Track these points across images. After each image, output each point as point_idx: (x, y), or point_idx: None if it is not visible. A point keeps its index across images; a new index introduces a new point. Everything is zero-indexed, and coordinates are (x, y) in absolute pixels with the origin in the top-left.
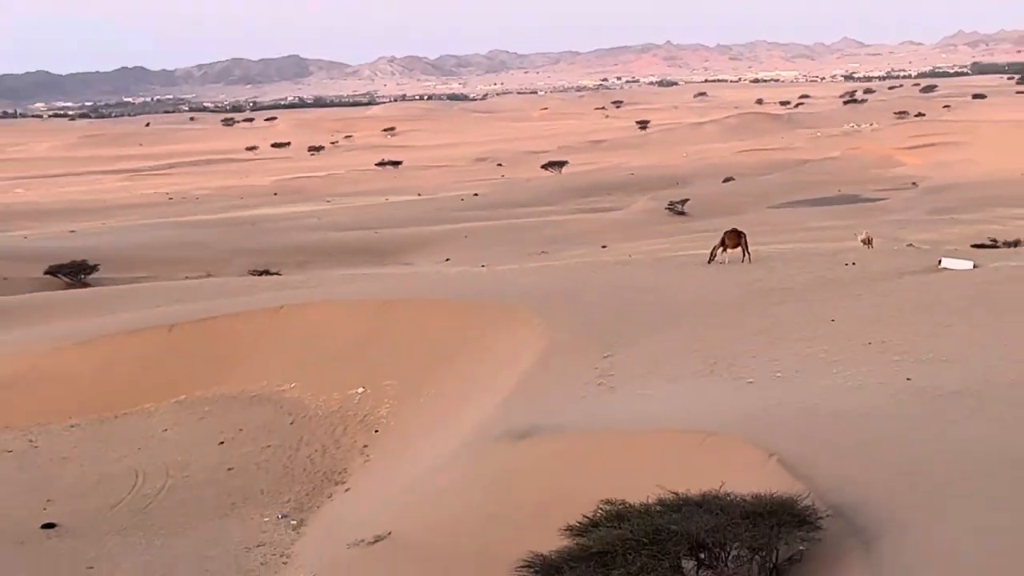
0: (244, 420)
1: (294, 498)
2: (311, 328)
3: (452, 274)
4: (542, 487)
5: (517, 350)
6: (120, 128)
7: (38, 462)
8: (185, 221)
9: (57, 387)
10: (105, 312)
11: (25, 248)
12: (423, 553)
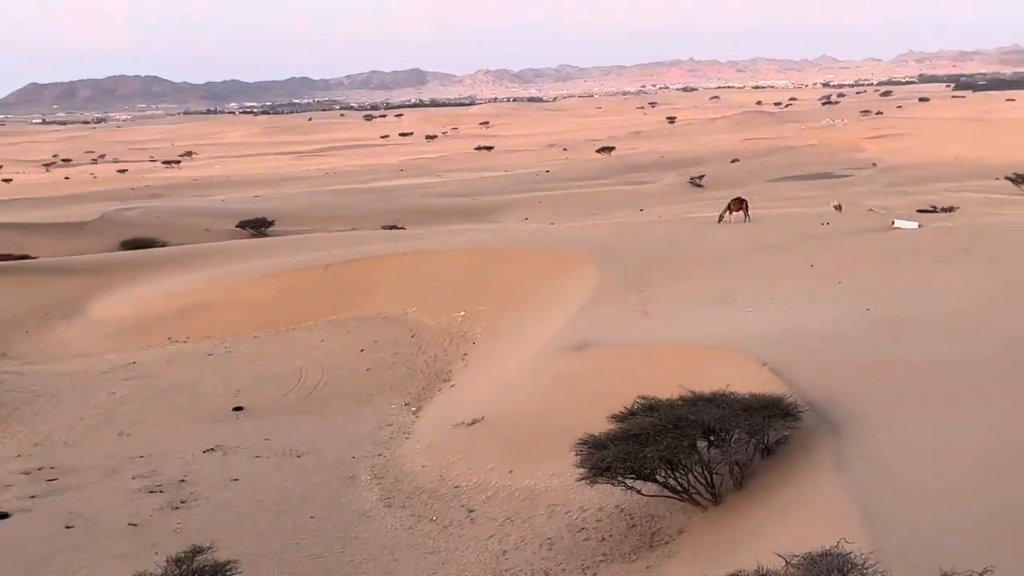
0: (378, 334)
1: (414, 391)
2: (426, 268)
3: (529, 230)
4: (594, 385)
5: (576, 285)
6: (290, 122)
7: (231, 363)
8: (336, 189)
9: (245, 309)
10: (279, 255)
11: (222, 208)
12: (507, 432)
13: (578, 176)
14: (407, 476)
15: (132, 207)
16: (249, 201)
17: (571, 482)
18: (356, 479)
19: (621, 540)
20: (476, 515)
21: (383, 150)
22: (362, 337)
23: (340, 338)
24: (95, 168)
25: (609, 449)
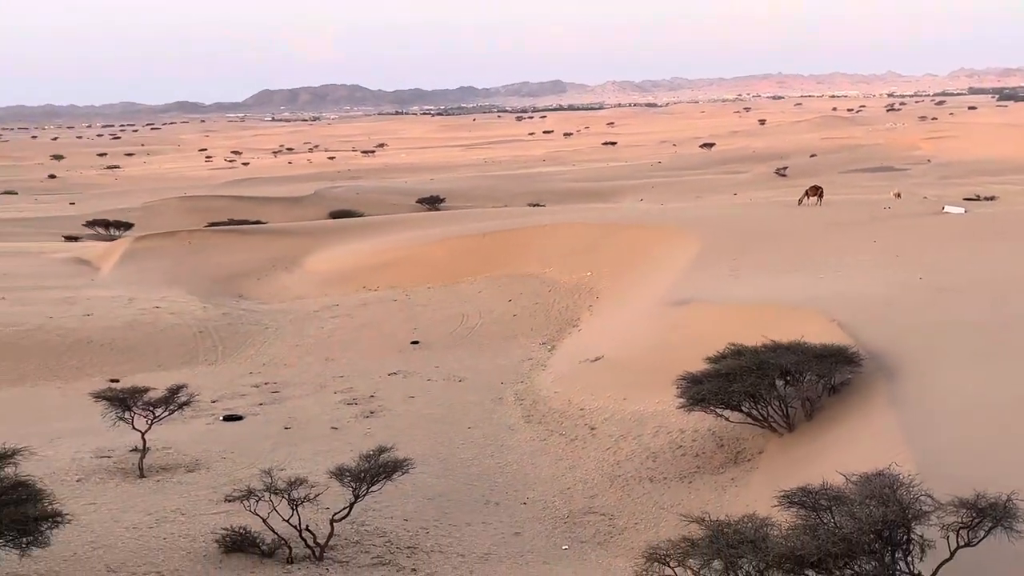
0: (523, 288)
1: (549, 333)
2: (561, 237)
3: (643, 209)
4: (693, 333)
5: (680, 253)
6: (458, 122)
7: (410, 307)
8: (493, 174)
9: (421, 266)
10: (448, 225)
11: (405, 188)
12: (622, 368)
13: (684, 167)
14: (542, 399)
15: (338, 186)
16: (426, 183)
17: (672, 409)
18: (503, 400)
19: (711, 456)
20: (596, 432)
21: (530, 144)
22: (510, 290)
23: (493, 290)
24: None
25: (704, 384)
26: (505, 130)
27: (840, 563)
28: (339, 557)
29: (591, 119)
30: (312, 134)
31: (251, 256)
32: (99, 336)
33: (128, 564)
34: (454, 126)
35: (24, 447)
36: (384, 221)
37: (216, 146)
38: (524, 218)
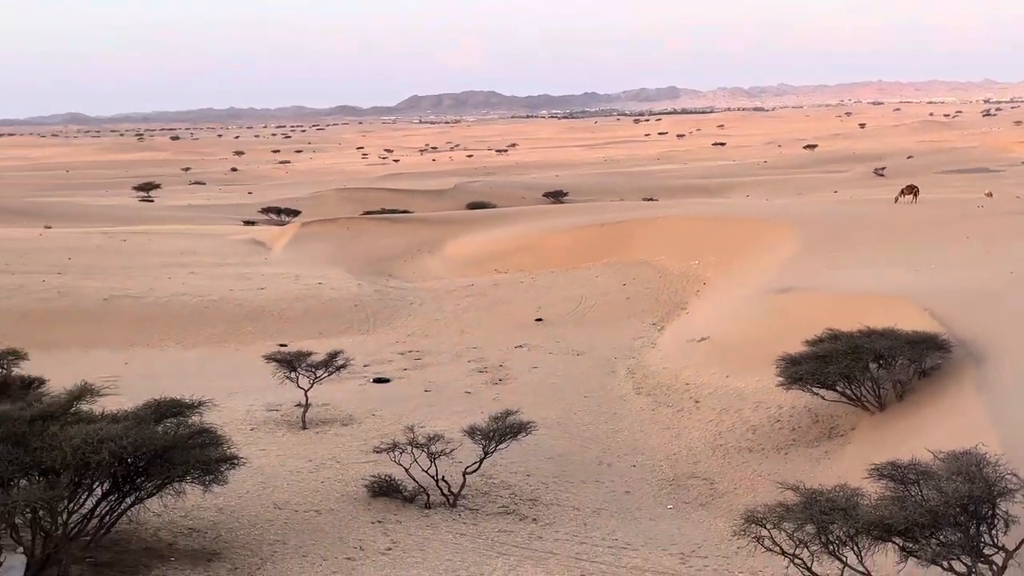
0: (635, 274)
1: (659, 315)
2: (672, 228)
3: (749, 203)
4: (793, 318)
5: (782, 245)
6: (582, 124)
7: (535, 288)
8: (611, 171)
9: (545, 252)
10: (571, 216)
11: (533, 183)
12: (725, 348)
13: (788, 166)
14: (652, 374)
15: (475, 180)
16: (551, 178)
17: (771, 387)
18: (616, 373)
19: (807, 431)
20: (700, 405)
21: (646, 144)
22: (625, 275)
23: (609, 275)
24: (452, 154)
25: (802, 365)
26: (623, 131)
27: (926, 533)
28: (470, 505)
29: (702, 122)
30: (453, 135)
31: (399, 241)
32: (271, 307)
33: (291, 502)
34: (578, 128)
35: (208, 399)
36: (514, 212)
37: (371, 145)
38: (638, 211)
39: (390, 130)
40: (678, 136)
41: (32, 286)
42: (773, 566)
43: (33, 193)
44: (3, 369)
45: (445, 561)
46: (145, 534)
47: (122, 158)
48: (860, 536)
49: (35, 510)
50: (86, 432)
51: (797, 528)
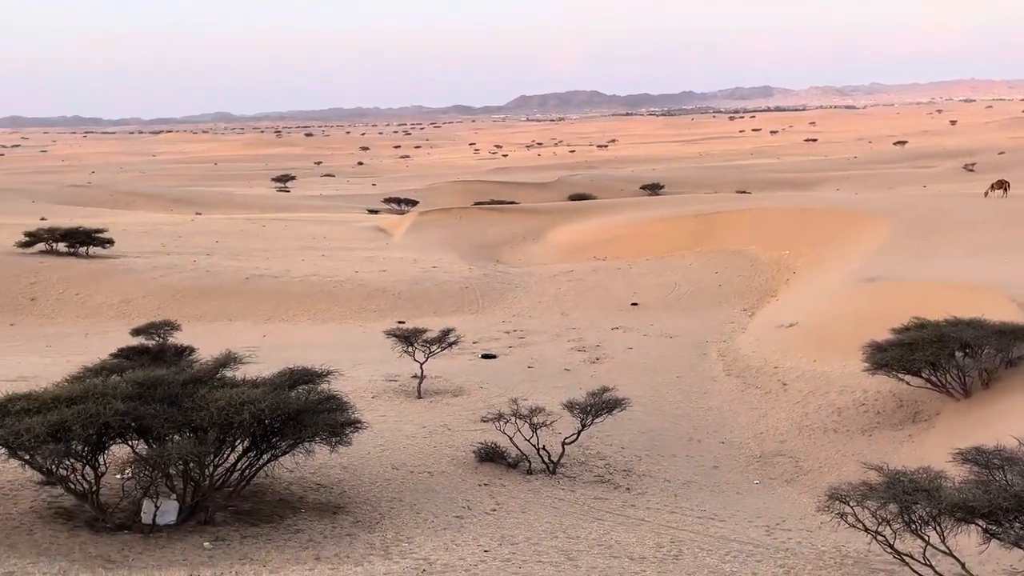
0: (728, 262)
1: (749, 301)
2: (764, 219)
3: (839, 197)
4: (880, 307)
5: (870, 236)
6: (678, 121)
7: (631, 275)
8: (706, 166)
9: (642, 240)
10: (667, 207)
11: (631, 176)
12: (813, 334)
13: (878, 161)
14: (741, 357)
15: (576, 174)
16: (648, 172)
17: (858, 372)
18: (707, 355)
19: (891, 415)
20: (787, 387)
21: (739, 140)
22: (717, 263)
23: (702, 263)
24: (556, 149)
25: (888, 351)
26: (718, 128)
27: (1010, 516)
28: (568, 473)
29: (795, 119)
30: (557, 131)
31: (506, 229)
32: (391, 287)
33: (407, 464)
34: (675, 124)
35: (335, 369)
36: (613, 203)
37: (482, 141)
38: (732, 203)
39: (499, 127)
40: (771, 132)
41: (185, 265)
42: (856, 542)
43: (187, 183)
44: (160, 338)
45: (545, 523)
46: (279, 487)
47: (263, 152)
48: (943, 517)
49: (186, 462)
50: (230, 395)
51: (880, 507)
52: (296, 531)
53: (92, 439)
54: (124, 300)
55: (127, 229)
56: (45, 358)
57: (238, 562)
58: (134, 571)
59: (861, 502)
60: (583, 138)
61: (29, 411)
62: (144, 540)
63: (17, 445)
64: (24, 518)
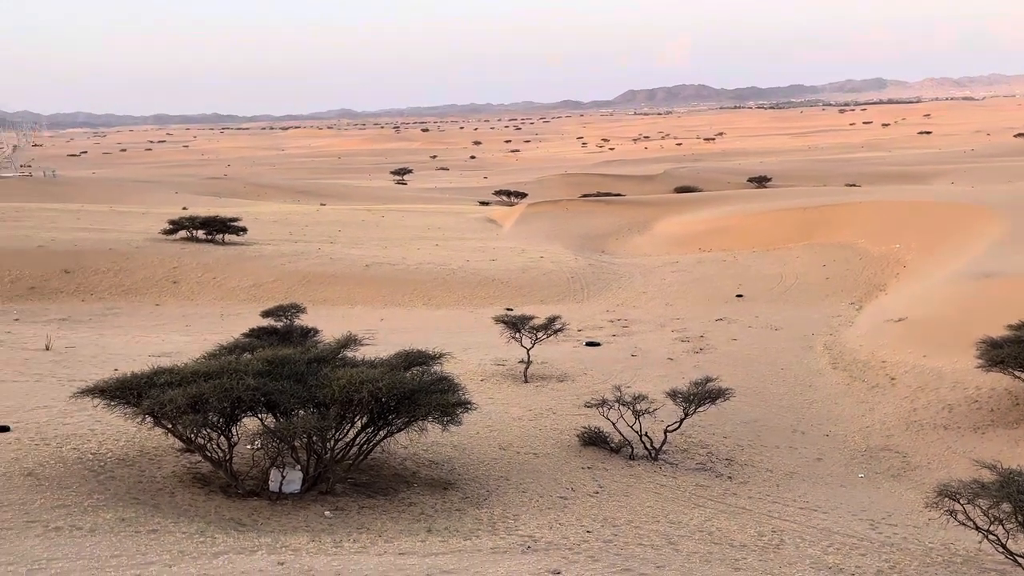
0: (835, 255)
1: (857, 295)
2: (873, 212)
3: (953, 190)
4: (996, 303)
5: (986, 231)
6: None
7: (735, 267)
8: (814, 159)
9: (747, 233)
10: (773, 200)
11: (738, 168)
12: (923, 329)
13: (997, 154)
14: (848, 351)
15: (683, 166)
16: (755, 165)
17: (970, 368)
18: (812, 348)
19: (1006, 413)
20: (896, 382)
21: (850, 133)
22: (824, 256)
23: (809, 256)
24: (662, 142)
25: (1004, 348)
26: (828, 121)
27: None
28: (669, 460)
29: (908, 111)
30: (664, 125)
31: (612, 220)
32: (500, 276)
33: (514, 445)
34: (783, 118)
35: (447, 352)
36: (718, 196)
37: (590, 135)
38: (841, 196)
39: (607, 121)
40: (883, 125)
41: (310, 253)
42: (965, 540)
43: (312, 176)
44: (287, 320)
45: (647, 507)
46: (394, 463)
47: (382, 147)
48: None
49: (310, 436)
50: (350, 374)
51: (993, 505)
52: (409, 504)
53: (226, 411)
54: (255, 284)
55: (259, 218)
56: (185, 336)
57: (356, 531)
58: (262, 534)
59: (972, 500)
60: (690, 131)
61: (172, 384)
62: (271, 507)
63: (161, 415)
64: (166, 482)
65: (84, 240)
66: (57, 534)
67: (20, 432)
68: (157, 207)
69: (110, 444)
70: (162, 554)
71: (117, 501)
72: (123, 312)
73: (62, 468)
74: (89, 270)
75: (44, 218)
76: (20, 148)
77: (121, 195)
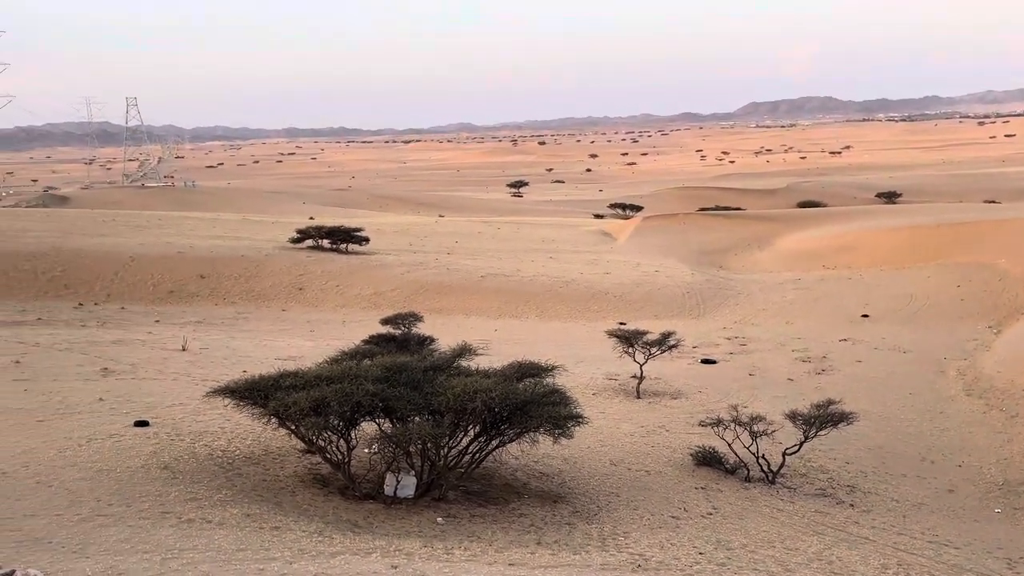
0: (972, 276)
1: (996, 319)
2: (1016, 231)
3: None
4: None
5: None
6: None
7: (861, 285)
8: (949, 173)
9: (876, 251)
10: (903, 216)
11: (865, 183)
12: None
13: None
14: (984, 377)
15: (807, 180)
16: (885, 179)
17: None
18: (944, 373)
19: None
20: None
21: (989, 147)
22: (959, 276)
23: (942, 276)
24: (785, 156)
25: None
26: (965, 134)
27: None
28: (787, 484)
29: None
30: (788, 138)
31: (730, 235)
32: (613, 290)
33: (625, 461)
34: (915, 130)
35: (559, 365)
36: (844, 211)
37: (709, 148)
38: (978, 213)
39: (727, 134)
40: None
41: (429, 263)
42: None
43: (432, 188)
44: (405, 327)
45: (763, 532)
46: (505, 473)
47: (499, 160)
48: None
49: (424, 442)
50: (465, 383)
51: None
52: (520, 515)
53: (346, 415)
54: (376, 292)
55: (380, 228)
56: (309, 341)
57: (467, 539)
58: (377, 537)
59: None
60: (815, 145)
61: (296, 387)
62: (386, 510)
63: (286, 416)
64: (288, 481)
65: (219, 247)
66: (189, 526)
67: (158, 427)
68: (286, 216)
69: (238, 442)
70: (283, 551)
71: (243, 497)
72: (252, 316)
73: (194, 463)
74: (223, 276)
75: (183, 226)
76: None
77: (253, 205)
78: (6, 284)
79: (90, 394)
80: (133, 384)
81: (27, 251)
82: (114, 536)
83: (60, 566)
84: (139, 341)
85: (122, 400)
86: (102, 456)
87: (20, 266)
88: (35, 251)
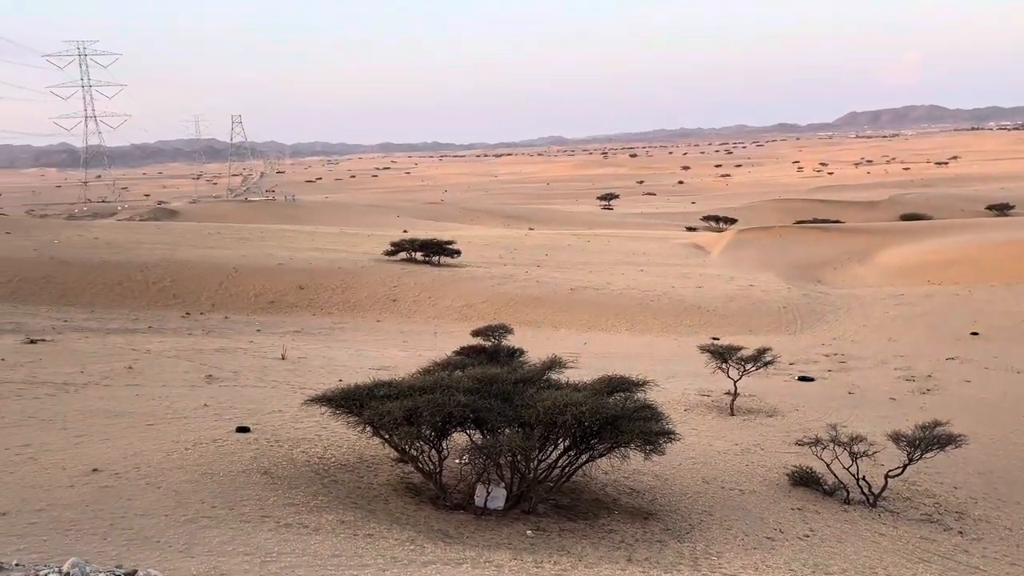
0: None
1: None
2: None
3: None
4: None
5: None
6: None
7: (971, 302)
8: None
9: (986, 265)
10: (1018, 229)
11: (974, 196)
12: None
13: None
14: None
15: (910, 192)
16: (996, 191)
17: None
18: None
19: None
20: None
21: None
22: None
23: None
24: (887, 167)
25: None
26: None
27: None
28: (890, 508)
29: None
30: (890, 148)
31: (829, 249)
32: (706, 304)
33: (718, 479)
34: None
35: (651, 380)
36: (951, 224)
37: (806, 159)
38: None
39: (826, 145)
40: None
41: (518, 275)
42: None
43: (522, 201)
44: (495, 340)
45: (863, 557)
46: (594, 487)
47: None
48: None
49: (514, 454)
50: (555, 397)
51: None
52: (609, 531)
53: (438, 425)
54: (466, 304)
55: (471, 241)
56: (402, 351)
57: (556, 552)
58: (467, 548)
59: None
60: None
61: (390, 397)
62: (476, 521)
63: (379, 425)
64: (382, 489)
65: (317, 259)
66: (287, 530)
67: (258, 433)
68: (380, 229)
69: (334, 450)
70: (376, 558)
71: (338, 504)
72: (348, 327)
73: (292, 469)
74: (320, 287)
75: (283, 238)
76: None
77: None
78: (120, 293)
79: (195, 400)
80: (235, 391)
81: (140, 262)
82: (217, 537)
83: (168, 565)
84: (241, 350)
85: (225, 406)
86: (206, 460)
87: (133, 276)
88: (147, 262)
